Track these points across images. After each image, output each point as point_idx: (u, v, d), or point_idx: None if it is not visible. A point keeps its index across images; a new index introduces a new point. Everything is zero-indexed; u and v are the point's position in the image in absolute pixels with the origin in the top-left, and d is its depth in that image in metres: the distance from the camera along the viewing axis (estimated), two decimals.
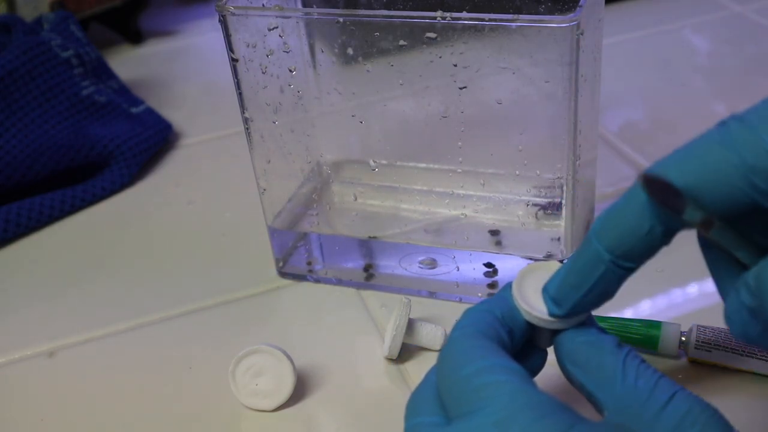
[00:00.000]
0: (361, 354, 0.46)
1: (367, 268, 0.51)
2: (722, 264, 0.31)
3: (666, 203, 0.27)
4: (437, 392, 0.33)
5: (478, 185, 0.49)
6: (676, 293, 0.48)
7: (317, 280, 0.51)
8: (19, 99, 0.60)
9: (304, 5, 0.51)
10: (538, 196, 0.47)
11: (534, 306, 0.34)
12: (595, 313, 0.45)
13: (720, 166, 0.27)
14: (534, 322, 0.34)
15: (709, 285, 0.48)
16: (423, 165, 0.51)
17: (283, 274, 0.52)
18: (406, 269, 0.50)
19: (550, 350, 0.35)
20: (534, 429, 0.29)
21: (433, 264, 0.49)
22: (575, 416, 0.29)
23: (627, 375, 0.31)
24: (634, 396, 0.31)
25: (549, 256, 0.46)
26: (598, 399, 0.32)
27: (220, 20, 0.44)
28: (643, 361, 0.32)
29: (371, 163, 0.49)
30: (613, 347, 0.32)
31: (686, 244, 0.51)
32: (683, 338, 0.43)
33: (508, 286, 0.35)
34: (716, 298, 0.47)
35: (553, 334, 0.35)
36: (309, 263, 0.52)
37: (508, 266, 0.47)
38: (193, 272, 0.54)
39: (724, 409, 0.40)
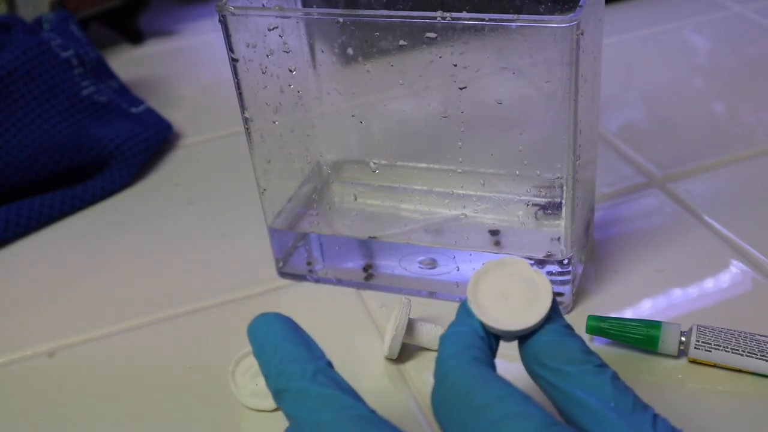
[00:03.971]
0: (361, 354, 0.46)
1: (367, 268, 0.51)
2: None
3: None
4: None
5: (478, 185, 0.49)
6: (676, 293, 0.48)
7: (317, 280, 0.51)
8: (19, 99, 0.60)
9: (304, 5, 0.51)
10: (538, 196, 0.47)
11: (495, 317, 0.33)
12: (595, 313, 0.45)
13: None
14: (499, 334, 0.33)
15: (709, 285, 0.48)
16: (423, 165, 0.51)
17: (283, 274, 0.52)
18: (406, 269, 0.50)
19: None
20: None
21: (433, 264, 0.49)
22: None
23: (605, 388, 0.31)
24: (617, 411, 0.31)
25: (549, 256, 0.46)
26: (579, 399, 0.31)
27: (220, 20, 0.44)
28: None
29: (371, 164, 0.49)
30: (581, 349, 0.32)
31: (686, 244, 0.52)
32: (683, 338, 0.43)
33: (466, 301, 0.34)
34: (716, 298, 0.48)
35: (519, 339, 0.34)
36: (309, 263, 0.52)
37: None
38: (193, 272, 0.54)
39: (724, 409, 0.41)
